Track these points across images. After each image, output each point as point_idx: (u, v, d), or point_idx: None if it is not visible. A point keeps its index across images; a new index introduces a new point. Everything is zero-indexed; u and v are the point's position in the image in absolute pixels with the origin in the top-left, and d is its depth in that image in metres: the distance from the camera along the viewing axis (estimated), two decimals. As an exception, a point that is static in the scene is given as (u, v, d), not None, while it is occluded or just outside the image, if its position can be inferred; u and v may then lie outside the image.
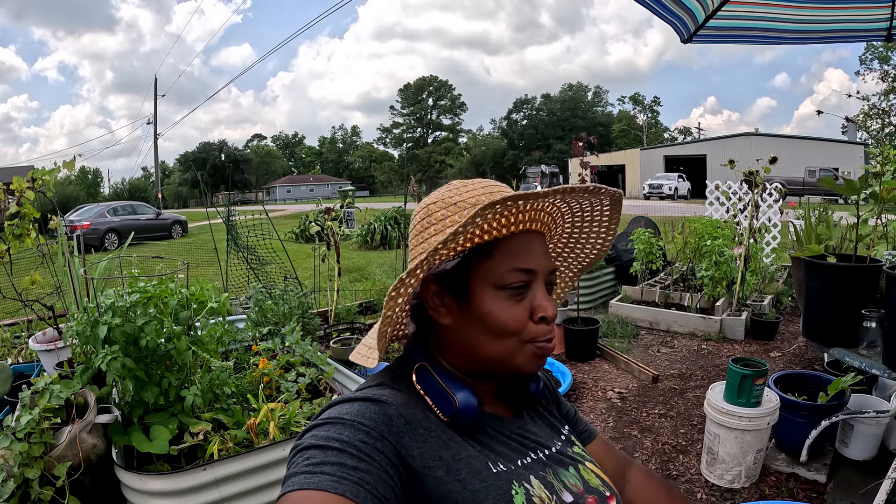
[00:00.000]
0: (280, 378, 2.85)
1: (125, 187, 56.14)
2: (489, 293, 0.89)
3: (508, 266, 0.89)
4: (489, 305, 0.88)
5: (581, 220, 1.05)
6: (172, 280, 2.50)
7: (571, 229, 1.07)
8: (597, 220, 1.04)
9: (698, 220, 6.25)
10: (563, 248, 1.13)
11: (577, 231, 1.08)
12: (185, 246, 16.48)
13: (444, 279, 0.92)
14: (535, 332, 0.89)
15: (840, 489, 2.66)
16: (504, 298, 0.88)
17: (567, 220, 1.04)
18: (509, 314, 0.88)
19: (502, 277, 0.88)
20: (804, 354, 4.73)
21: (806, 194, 18.93)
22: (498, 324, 0.88)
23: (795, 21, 2.74)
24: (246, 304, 5.27)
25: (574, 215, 1.03)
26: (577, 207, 1.00)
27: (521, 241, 0.92)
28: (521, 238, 0.92)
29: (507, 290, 0.88)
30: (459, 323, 0.92)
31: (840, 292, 2.32)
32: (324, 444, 0.74)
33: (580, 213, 1.03)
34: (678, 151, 42.15)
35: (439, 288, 0.93)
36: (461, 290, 0.91)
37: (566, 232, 1.08)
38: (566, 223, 1.05)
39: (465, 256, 0.91)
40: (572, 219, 1.04)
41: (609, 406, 3.82)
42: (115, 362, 2.05)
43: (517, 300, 0.89)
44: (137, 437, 2.10)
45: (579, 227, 1.07)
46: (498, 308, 0.88)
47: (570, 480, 0.91)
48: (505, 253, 0.90)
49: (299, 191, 69.15)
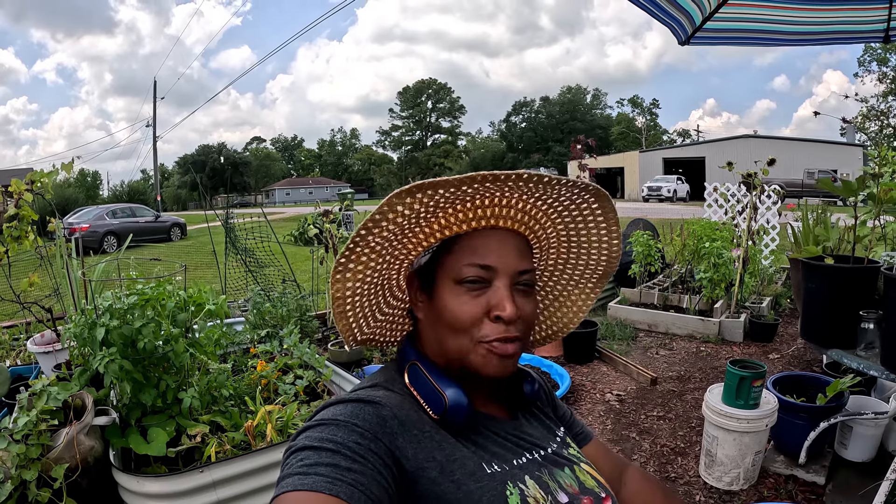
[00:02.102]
0: (278, 380, 2.84)
1: (124, 190, 56.26)
2: (449, 287, 0.91)
3: (465, 261, 0.91)
4: (446, 299, 0.90)
5: (574, 222, 1.03)
6: (170, 282, 2.50)
7: (567, 233, 1.06)
8: (591, 221, 1.03)
9: (697, 222, 6.25)
10: (568, 255, 1.11)
11: (575, 235, 1.06)
12: (184, 248, 16.47)
13: (420, 275, 0.96)
14: (487, 330, 0.89)
15: (839, 491, 2.66)
16: (462, 293, 0.90)
17: (556, 221, 1.03)
18: (463, 309, 0.89)
19: (460, 272, 0.90)
20: (803, 356, 4.73)
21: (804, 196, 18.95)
22: (451, 317, 0.89)
23: (793, 23, 2.75)
24: (244, 306, 5.26)
25: (561, 216, 1.02)
26: (559, 206, 0.99)
27: (484, 237, 0.93)
28: (484, 235, 0.93)
29: (464, 284, 0.90)
30: (428, 317, 0.95)
31: (838, 294, 2.32)
32: (318, 446, 0.74)
33: (567, 214, 1.01)
34: (677, 154, 42.19)
35: (418, 283, 0.97)
36: (430, 285, 0.94)
37: (562, 236, 1.07)
38: (558, 226, 1.04)
39: (434, 252, 0.94)
40: (562, 220, 1.03)
41: (608, 408, 3.82)
42: (112, 364, 2.05)
43: (475, 296, 0.89)
44: (135, 440, 2.10)
45: (575, 231, 1.05)
46: (454, 302, 0.89)
47: (565, 481, 0.91)
48: (465, 248, 0.92)
49: (298, 193, 69.14)
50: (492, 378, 0.91)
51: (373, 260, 0.91)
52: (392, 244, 0.92)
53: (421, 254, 0.97)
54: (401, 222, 0.87)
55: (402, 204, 0.83)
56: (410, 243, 0.94)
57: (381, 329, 1.09)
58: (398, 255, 0.95)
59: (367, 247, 0.88)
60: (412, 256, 0.97)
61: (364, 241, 0.87)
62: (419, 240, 0.94)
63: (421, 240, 0.94)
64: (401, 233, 0.90)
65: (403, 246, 0.94)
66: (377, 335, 1.09)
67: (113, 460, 2.04)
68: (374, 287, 0.97)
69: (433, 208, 0.88)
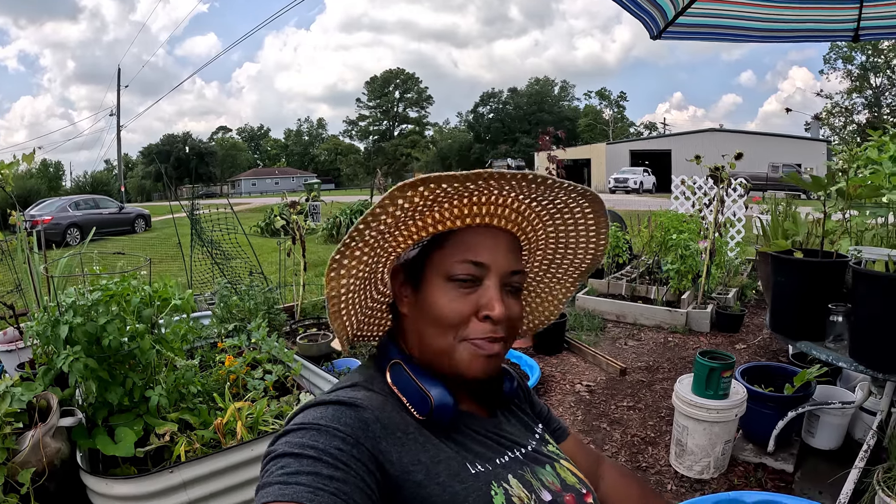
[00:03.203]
0: (246, 376, 2.79)
1: (87, 181, 54.99)
2: (438, 284, 0.89)
3: (457, 257, 0.89)
4: (434, 295, 0.89)
5: (564, 224, 1.03)
6: (135, 277, 2.44)
7: (556, 234, 1.05)
8: (581, 223, 1.02)
9: (664, 214, 6.33)
10: (554, 254, 1.11)
11: (564, 236, 1.06)
12: (149, 241, 16.17)
13: (407, 269, 0.95)
14: (474, 328, 0.88)
15: (807, 478, 2.73)
16: (451, 290, 0.88)
17: (547, 222, 1.02)
18: (451, 306, 0.88)
19: (451, 268, 0.89)
20: (769, 346, 4.83)
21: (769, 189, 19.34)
22: (438, 314, 0.88)
23: (764, 20, 2.78)
24: (211, 300, 5.18)
25: (553, 217, 1.01)
26: (552, 208, 0.99)
27: (477, 234, 0.92)
28: (478, 232, 0.92)
29: (455, 281, 0.88)
30: (413, 312, 0.93)
31: (807, 287, 2.36)
32: (298, 452, 0.72)
33: (559, 216, 1.01)
34: (644, 146, 42.68)
35: (404, 277, 0.95)
36: (418, 279, 0.92)
37: (551, 236, 1.06)
38: (548, 227, 1.03)
39: (424, 247, 0.93)
40: (553, 221, 1.02)
41: (578, 399, 3.85)
42: (77, 363, 1.98)
43: (464, 293, 0.88)
44: (102, 440, 2.03)
45: (564, 231, 1.05)
46: (442, 299, 0.88)
47: (547, 479, 0.91)
48: (458, 244, 0.90)
49: (264, 184, 68.26)
50: (476, 378, 0.90)
51: (365, 254, 0.89)
52: (384, 237, 0.90)
53: (409, 247, 0.95)
54: (398, 216, 0.85)
55: (403, 197, 0.81)
56: (401, 236, 0.92)
57: (367, 325, 1.07)
58: (388, 248, 0.93)
59: (363, 241, 0.86)
60: (400, 250, 0.95)
61: (361, 236, 0.84)
62: (410, 233, 0.92)
63: (413, 233, 0.92)
64: (395, 226, 0.88)
65: (394, 238, 0.92)
66: (365, 332, 1.08)
67: (80, 462, 1.98)
68: (363, 282, 0.95)
69: (431, 202, 0.86)
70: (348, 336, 1.02)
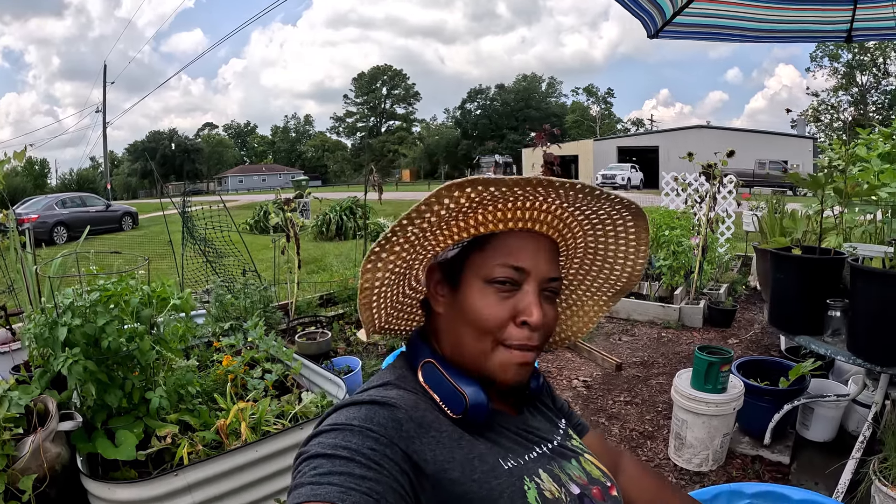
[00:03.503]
0: (245, 375, 2.77)
1: (73, 178, 54.50)
2: (477, 286, 0.89)
3: (498, 260, 0.89)
4: (473, 297, 0.88)
5: (605, 235, 1.03)
6: (133, 277, 2.41)
7: (595, 244, 1.05)
8: (622, 236, 1.02)
9: (656, 210, 6.37)
10: (591, 266, 1.11)
11: (602, 247, 1.06)
12: (137, 239, 16.02)
13: (444, 268, 0.94)
14: (511, 334, 0.88)
15: (804, 470, 2.77)
16: (490, 294, 0.88)
17: (588, 231, 1.02)
18: (490, 310, 0.87)
19: (491, 271, 0.88)
20: (760, 341, 4.88)
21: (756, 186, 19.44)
22: (477, 317, 0.87)
23: (760, 20, 2.81)
24: (204, 298, 5.15)
25: (594, 227, 1.01)
26: (594, 217, 0.98)
27: (519, 239, 0.91)
28: (520, 237, 0.92)
29: (495, 285, 0.88)
30: (449, 313, 0.93)
31: (806, 283, 2.40)
32: (331, 453, 0.72)
33: (601, 227, 1.01)
34: (631, 143, 42.91)
35: (441, 276, 0.94)
36: (456, 279, 0.92)
37: (590, 246, 1.06)
38: (588, 236, 1.04)
39: (464, 247, 0.92)
40: (593, 231, 1.02)
41: (575, 394, 3.87)
42: (76, 366, 1.96)
43: (503, 298, 0.88)
44: (102, 444, 2.02)
45: (604, 243, 1.05)
46: (481, 302, 0.88)
47: (574, 473, 0.92)
48: (499, 248, 0.90)
49: (251, 181, 67.80)
50: (508, 384, 0.90)
51: (405, 250, 0.89)
52: (425, 235, 0.89)
53: (448, 247, 0.94)
54: (443, 214, 0.84)
55: (450, 197, 0.80)
56: (442, 235, 0.92)
57: (396, 320, 1.07)
58: (427, 246, 0.93)
59: (404, 237, 0.86)
60: (439, 249, 0.95)
61: (403, 231, 0.84)
62: (452, 233, 0.92)
63: (454, 233, 0.92)
64: (437, 225, 0.88)
65: (434, 237, 0.91)
66: (392, 325, 1.08)
67: (81, 467, 1.96)
68: (397, 277, 0.95)
69: (476, 204, 0.85)
70: (375, 327, 1.02)
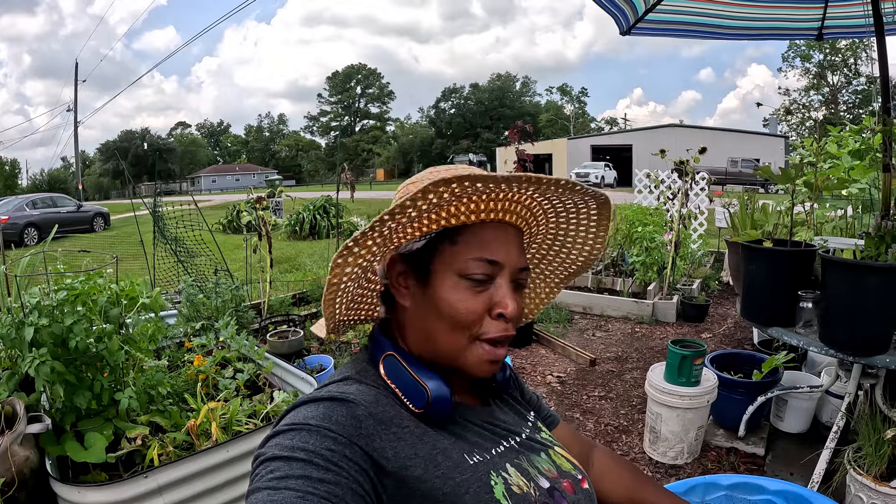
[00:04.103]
0: (217, 375, 2.74)
1: (44, 179, 53.71)
2: (450, 280, 0.86)
3: (473, 254, 0.86)
4: (447, 292, 0.86)
5: (566, 222, 1.02)
6: (101, 275, 2.36)
7: (556, 230, 1.05)
8: (583, 223, 1.02)
9: (629, 207, 6.41)
10: (548, 250, 1.10)
11: (563, 234, 1.05)
12: (109, 239, 15.73)
13: (410, 260, 0.90)
14: (489, 327, 0.86)
15: (778, 461, 2.81)
16: (464, 288, 0.86)
17: (551, 219, 1.02)
18: (465, 304, 0.85)
19: (466, 266, 0.86)
20: (734, 335, 4.94)
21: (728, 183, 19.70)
22: (452, 312, 0.85)
23: (732, 17, 2.84)
24: (175, 298, 5.07)
25: (558, 215, 1.01)
26: (560, 206, 0.98)
27: (491, 230, 0.89)
28: (492, 228, 0.89)
29: (469, 279, 0.86)
30: (418, 307, 0.90)
31: (777, 275, 2.42)
32: (288, 455, 0.70)
33: (564, 214, 1.00)
34: (605, 141, 43.30)
35: (405, 268, 0.91)
36: (424, 272, 0.89)
37: (550, 232, 1.06)
38: (550, 223, 1.03)
39: (432, 239, 0.89)
40: (556, 219, 1.02)
41: (549, 390, 3.88)
42: (43, 366, 1.90)
43: (477, 292, 0.86)
44: (72, 446, 1.96)
45: (564, 229, 1.04)
46: (455, 296, 0.85)
47: (543, 466, 0.91)
48: (472, 241, 0.87)
49: (225, 181, 67.06)
50: (480, 377, 0.90)
51: (376, 244, 0.86)
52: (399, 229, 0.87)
53: (415, 239, 0.91)
54: (423, 209, 0.82)
55: (435, 192, 0.78)
56: (412, 227, 0.88)
57: (353, 312, 1.03)
58: (395, 238, 0.89)
59: (380, 232, 0.83)
60: (405, 240, 0.91)
61: (381, 226, 0.81)
62: (422, 225, 0.88)
63: (423, 225, 0.88)
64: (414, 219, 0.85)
65: (404, 230, 0.88)
66: (350, 317, 1.04)
67: (50, 470, 1.91)
68: (363, 271, 0.92)
69: (455, 198, 0.83)
70: (336, 323, 0.99)
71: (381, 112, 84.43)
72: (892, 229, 2.12)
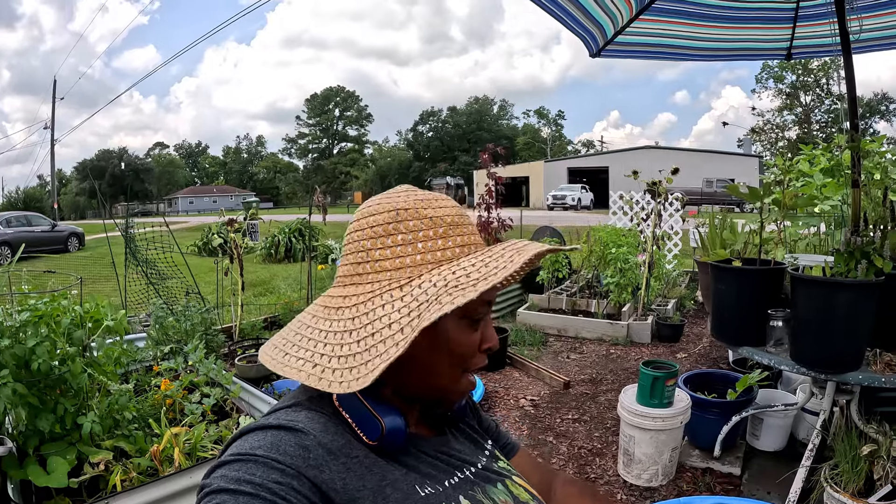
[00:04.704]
0: (183, 399, 2.70)
1: (20, 196, 52.96)
2: (454, 320, 0.86)
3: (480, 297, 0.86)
4: (453, 332, 0.86)
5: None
6: (65, 297, 2.32)
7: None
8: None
9: (602, 228, 6.44)
10: None
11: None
12: (82, 260, 15.48)
13: None
14: (478, 360, 0.90)
15: (755, 480, 2.80)
16: (465, 326, 0.87)
17: None
18: (468, 342, 0.88)
19: (474, 310, 0.87)
20: (709, 354, 4.96)
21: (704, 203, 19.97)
22: (459, 350, 0.87)
23: (701, 39, 2.88)
24: (146, 321, 4.98)
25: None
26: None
27: None
28: None
29: (470, 319, 0.87)
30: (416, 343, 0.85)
31: (747, 294, 2.43)
32: (234, 488, 0.67)
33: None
34: (581, 164, 43.76)
35: None
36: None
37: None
38: None
39: None
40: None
41: (522, 414, 3.84)
42: (5, 388, 1.87)
43: (474, 329, 0.88)
44: (34, 470, 1.93)
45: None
46: (461, 336, 0.87)
47: (499, 497, 0.89)
48: None
49: (202, 202, 66.67)
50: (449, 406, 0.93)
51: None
52: None
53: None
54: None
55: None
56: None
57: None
58: None
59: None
60: None
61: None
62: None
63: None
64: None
65: None
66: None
67: (11, 494, 1.87)
68: None
69: None
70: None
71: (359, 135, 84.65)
72: (862, 245, 2.13)
